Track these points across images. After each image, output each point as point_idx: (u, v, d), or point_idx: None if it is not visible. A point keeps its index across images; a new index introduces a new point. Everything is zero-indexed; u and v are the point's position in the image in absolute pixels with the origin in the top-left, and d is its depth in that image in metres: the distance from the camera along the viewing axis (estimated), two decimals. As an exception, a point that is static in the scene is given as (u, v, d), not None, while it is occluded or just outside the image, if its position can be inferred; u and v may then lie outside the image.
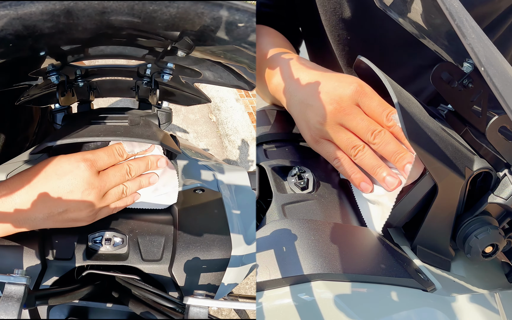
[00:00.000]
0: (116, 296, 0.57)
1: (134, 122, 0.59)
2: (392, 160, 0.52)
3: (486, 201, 0.49)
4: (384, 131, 0.52)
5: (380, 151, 0.53)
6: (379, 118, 0.53)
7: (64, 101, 0.62)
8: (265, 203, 0.61)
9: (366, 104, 0.53)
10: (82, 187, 0.50)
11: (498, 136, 0.46)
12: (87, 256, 0.55)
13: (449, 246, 0.53)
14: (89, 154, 0.51)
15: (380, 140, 0.52)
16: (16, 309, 0.40)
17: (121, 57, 0.60)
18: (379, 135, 0.52)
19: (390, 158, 0.52)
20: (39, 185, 0.49)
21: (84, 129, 0.56)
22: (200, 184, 0.66)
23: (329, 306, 0.44)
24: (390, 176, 0.52)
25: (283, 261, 0.47)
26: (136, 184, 0.56)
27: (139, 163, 0.55)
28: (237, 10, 0.42)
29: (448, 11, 0.40)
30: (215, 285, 0.58)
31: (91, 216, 0.52)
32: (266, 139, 0.65)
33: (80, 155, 0.51)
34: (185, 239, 0.58)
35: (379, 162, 0.53)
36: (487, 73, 0.36)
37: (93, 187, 0.50)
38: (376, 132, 0.52)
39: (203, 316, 0.45)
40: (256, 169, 0.62)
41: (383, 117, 0.53)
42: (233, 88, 0.68)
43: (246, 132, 2.49)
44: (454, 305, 0.47)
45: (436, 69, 0.54)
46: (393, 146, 0.52)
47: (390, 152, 0.52)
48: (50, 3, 0.38)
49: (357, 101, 0.53)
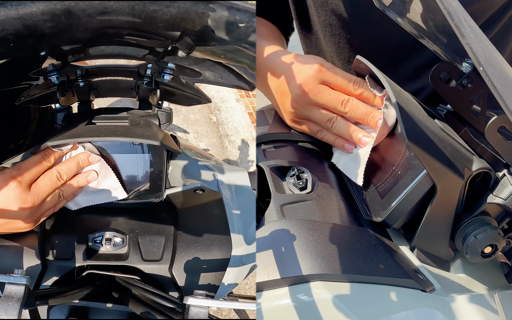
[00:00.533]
0: (116, 296, 0.57)
1: (135, 122, 0.59)
2: (364, 121, 0.57)
3: (485, 201, 0.49)
4: (351, 98, 0.57)
5: (352, 117, 0.58)
6: (347, 89, 0.58)
7: (65, 101, 0.62)
8: (264, 203, 0.61)
9: (331, 79, 0.58)
10: (15, 205, 0.50)
11: (497, 136, 0.46)
12: (87, 256, 0.55)
13: (448, 247, 0.53)
14: (15, 171, 0.51)
15: (350, 107, 0.57)
16: (16, 309, 0.41)
17: (121, 57, 0.60)
18: (348, 103, 0.57)
19: (362, 120, 0.57)
20: None
21: (85, 129, 0.56)
22: (200, 184, 0.66)
23: (327, 306, 0.44)
24: (364, 136, 0.57)
25: (282, 262, 0.47)
26: (73, 185, 0.56)
27: (68, 165, 0.55)
28: (238, 10, 0.42)
29: (447, 11, 0.40)
30: (215, 285, 0.58)
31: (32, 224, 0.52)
32: (265, 139, 0.65)
33: (7, 173, 0.51)
34: (185, 239, 0.58)
35: (353, 127, 0.58)
36: (486, 73, 0.36)
37: (26, 202, 0.50)
38: (345, 102, 0.57)
39: (203, 316, 0.45)
40: (256, 170, 0.62)
41: (350, 87, 0.57)
42: (234, 88, 0.68)
43: (246, 132, 2.49)
44: (453, 306, 0.47)
45: (435, 69, 0.54)
46: (363, 109, 0.57)
47: (361, 115, 0.57)
48: (50, 3, 0.38)
49: (321, 79, 0.58)
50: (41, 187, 0.52)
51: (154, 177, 0.58)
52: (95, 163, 0.57)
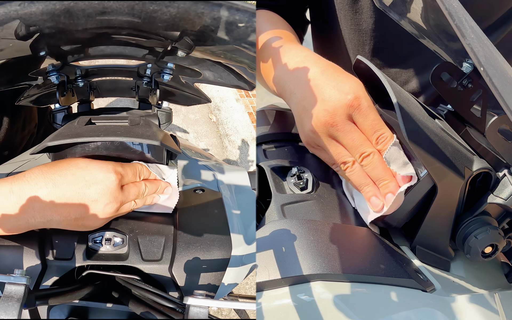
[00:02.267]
0: (116, 296, 0.57)
1: (134, 122, 0.59)
2: (377, 185, 0.52)
3: (485, 201, 0.49)
4: (373, 154, 0.52)
5: (367, 173, 0.53)
6: (370, 138, 0.52)
7: (64, 101, 0.62)
8: (265, 203, 0.61)
9: (359, 121, 0.52)
10: (107, 199, 0.49)
11: (498, 136, 0.46)
12: (87, 256, 0.55)
13: (448, 246, 0.53)
14: (119, 167, 0.51)
15: (368, 163, 0.52)
16: (16, 309, 0.40)
17: (121, 57, 0.60)
18: (367, 158, 0.52)
19: (375, 182, 0.53)
20: (64, 187, 0.47)
21: (84, 129, 0.56)
22: (200, 184, 0.66)
23: (328, 306, 0.44)
24: (375, 197, 0.52)
25: (283, 262, 0.47)
26: (143, 202, 0.57)
27: (153, 187, 0.56)
28: (237, 10, 0.42)
29: (448, 11, 0.40)
30: (215, 285, 0.58)
31: (102, 224, 0.53)
32: (265, 139, 0.65)
33: (111, 165, 0.51)
34: (185, 239, 0.58)
35: (367, 180, 0.53)
36: (486, 73, 0.36)
37: (116, 201, 0.50)
38: (364, 155, 0.52)
39: (203, 316, 0.45)
40: (255, 169, 0.62)
41: (373, 139, 0.52)
42: (233, 88, 0.68)
43: (246, 132, 2.49)
44: (453, 306, 0.47)
45: (435, 69, 0.54)
46: (380, 171, 0.52)
47: (375, 177, 0.52)
48: (50, 3, 0.38)
49: (351, 114, 0.52)
50: (130, 194, 0.53)
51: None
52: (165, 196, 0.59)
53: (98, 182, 0.49)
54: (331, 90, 0.53)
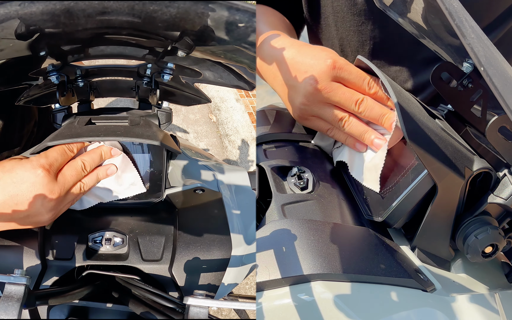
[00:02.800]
0: (116, 296, 0.57)
1: (134, 122, 0.59)
2: (379, 122, 0.55)
3: (486, 201, 0.49)
4: (366, 98, 0.55)
5: (366, 117, 0.56)
6: (361, 87, 0.55)
7: (64, 101, 0.62)
8: (265, 203, 0.61)
9: (344, 77, 0.55)
10: (42, 196, 0.48)
11: (498, 136, 0.46)
12: (87, 256, 0.55)
13: (448, 246, 0.53)
14: (43, 159, 0.49)
15: (365, 107, 0.55)
16: (16, 309, 0.40)
17: (121, 57, 0.60)
18: (362, 103, 0.55)
19: (377, 121, 0.55)
20: None
21: (84, 129, 0.56)
22: (200, 184, 0.66)
23: (328, 306, 0.44)
24: (377, 139, 0.55)
25: (283, 261, 0.47)
26: (93, 178, 0.54)
27: (92, 156, 0.54)
28: (237, 10, 0.42)
29: (448, 11, 0.40)
30: (215, 285, 0.58)
31: (52, 217, 0.51)
32: (266, 139, 0.65)
33: (35, 160, 0.49)
34: (185, 239, 0.58)
35: (365, 127, 0.56)
36: (486, 73, 0.36)
37: (53, 193, 0.49)
38: (359, 101, 0.55)
39: (203, 316, 0.45)
40: (256, 169, 0.62)
41: (364, 86, 0.55)
42: (233, 88, 0.68)
43: (246, 132, 2.49)
44: (453, 305, 0.47)
45: (435, 69, 0.54)
46: (378, 109, 0.55)
47: (375, 116, 0.55)
48: (50, 3, 0.38)
49: (335, 75, 0.55)
50: (67, 178, 0.51)
51: (154, 177, 0.58)
52: (116, 157, 0.56)
53: (25, 180, 0.48)
54: (311, 60, 0.57)
